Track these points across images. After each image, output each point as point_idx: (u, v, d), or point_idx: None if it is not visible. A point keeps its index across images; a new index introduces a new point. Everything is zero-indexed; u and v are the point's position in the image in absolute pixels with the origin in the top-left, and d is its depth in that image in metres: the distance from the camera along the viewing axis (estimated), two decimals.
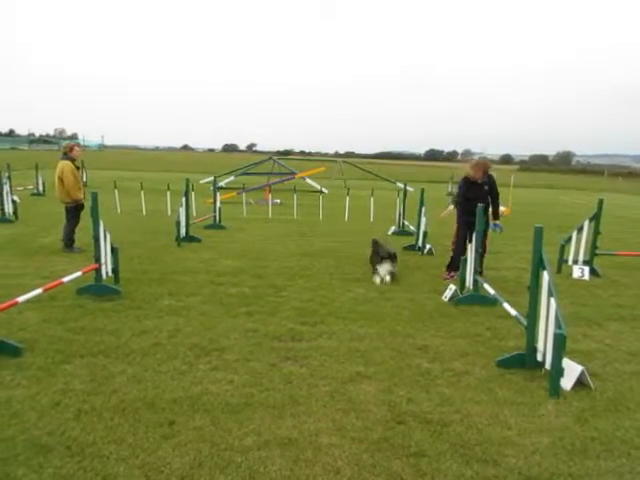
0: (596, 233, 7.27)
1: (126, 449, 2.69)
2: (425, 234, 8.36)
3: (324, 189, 18.80)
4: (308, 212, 13.27)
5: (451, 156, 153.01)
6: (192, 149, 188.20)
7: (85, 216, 6.90)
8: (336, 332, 4.56)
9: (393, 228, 10.59)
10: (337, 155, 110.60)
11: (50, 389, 3.30)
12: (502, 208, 15.44)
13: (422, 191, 8.74)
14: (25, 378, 3.44)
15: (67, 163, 7.49)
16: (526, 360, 3.84)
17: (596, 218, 7.22)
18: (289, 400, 3.30)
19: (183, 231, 8.50)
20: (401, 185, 11.08)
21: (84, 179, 19.42)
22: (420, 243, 8.46)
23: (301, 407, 3.21)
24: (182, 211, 8.44)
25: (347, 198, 12.37)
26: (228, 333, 4.44)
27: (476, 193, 6.45)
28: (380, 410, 3.21)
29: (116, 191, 12.18)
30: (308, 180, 19.41)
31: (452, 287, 5.70)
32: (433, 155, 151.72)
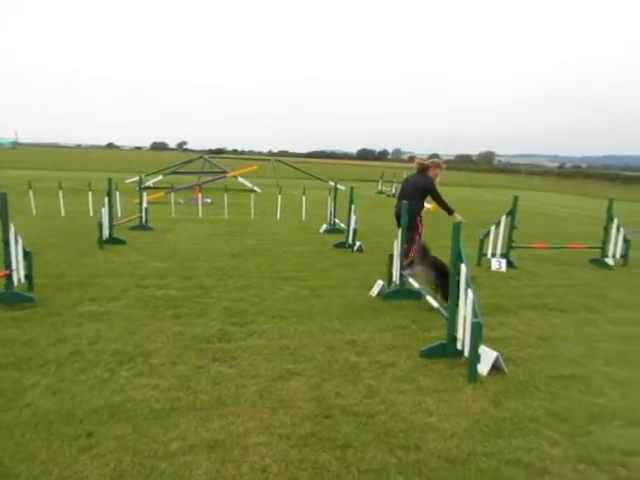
0: (512, 227, 7.76)
1: (38, 466, 2.53)
2: (355, 232, 8.54)
3: (256, 188, 18.67)
4: (240, 211, 13.11)
5: (382, 155, 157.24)
6: (118, 147, 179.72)
7: None
8: (266, 331, 4.55)
9: (325, 226, 10.71)
10: (270, 154, 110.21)
11: None
12: (428, 205, 16.18)
13: (352, 189, 8.91)
14: None
15: None
16: (447, 349, 4.03)
17: (512, 214, 7.71)
18: (217, 402, 3.25)
19: (106, 233, 8.11)
20: (332, 184, 11.23)
21: None
22: (350, 240, 8.62)
23: (229, 408, 3.18)
24: (105, 212, 8.05)
25: (279, 197, 12.36)
26: (154, 337, 4.30)
27: None
28: (308, 406, 3.24)
29: (31, 192, 11.40)
30: (240, 179, 19.20)
31: (380, 282, 5.87)
32: (365, 154, 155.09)
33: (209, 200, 15.16)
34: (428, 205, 15.67)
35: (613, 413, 3.26)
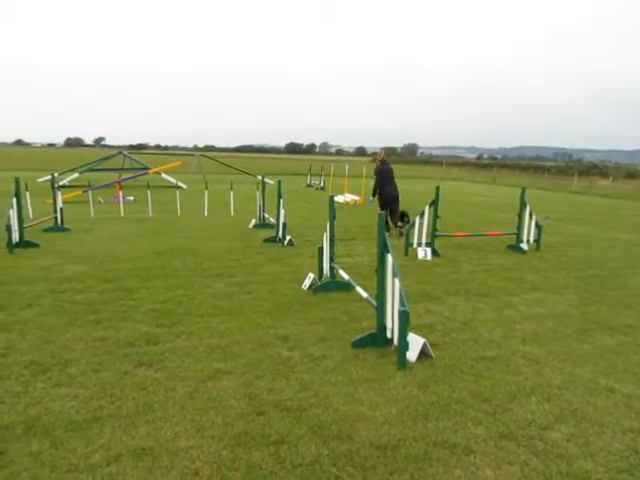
0: (435, 217, 8.09)
1: None
2: (285, 226, 8.51)
3: (181, 184, 18.11)
4: (165, 209, 12.64)
5: (310, 149, 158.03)
6: (27, 144, 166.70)
7: None
8: (195, 331, 4.42)
9: (254, 221, 10.59)
10: (196, 149, 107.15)
11: None
12: (354, 197, 16.49)
13: (279, 183, 8.86)
14: None
15: None
16: (377, 338, 4.12)
17: (435, 203, 8.03)
18: (143, 407, 3.11)
19: (16, 236, 7.50)
20: (260, 177, 11.12)
21: None
22: (280, 235, 8.58)
23: (157, 413, 3.06)
24: (12, 213, 7.44)
25: (206, 192, 12.05)
26: (72, 345, 4.04)
27: None
28: (240, 404, 3.19)
29: None
30: (164, 175, 18.51)
31: (311, 275, 5.89)
32: (293, 148, 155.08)
33: (132, 198, 14.49)
34: (355, 197, 15.93)
35: (530, 390, 3.49)
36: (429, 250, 7.93)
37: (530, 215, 8.74)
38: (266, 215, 10.56)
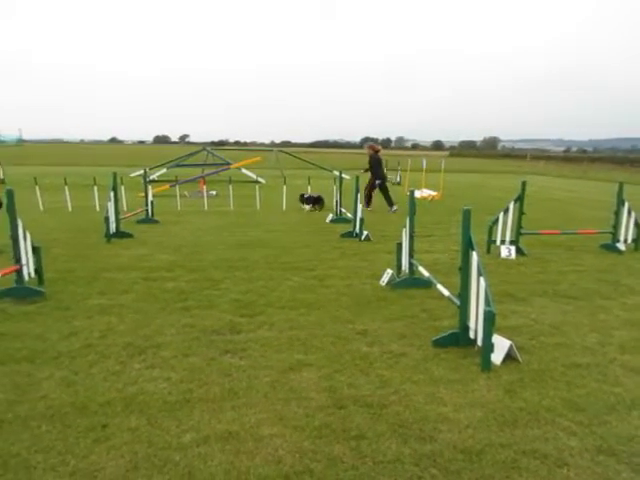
0: (521, 214, 7.69)
1: (55, 457, 2.54)
2: (362, 221, 8.49)
3: (260, 179, 18.63)
4: (245, 203, 13.08)
5: (385, 144, 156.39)
6: (121, 142, 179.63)
7: (2, 215, 6.41)
8: (276, 322, 4.54)
9: (331, 216, 10.66)
10: (273, 144, 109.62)
11: None
12: (431, 192, 16.08)
13: (357, 178, 8.85)
14: None
15: None
16: (459, 338, 4.00)
17: (520, 200, 7.63)
18: (229, 393, 3.24)
19: (113, 227, 8.11)
20: (337, 173, 11.18)
21: (1, 176, 18.06)
22: (357, 230, 8.58)
23: (241, 399, 3.17)
24: (111, 206, 8.04)
25: (284, 187, 12.31)
26: (164, 329, 4.30)
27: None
28: (321, 397, 3.23)
29: (37, 187, 11.41)
30: (244, 170, 19.14)
31: (389, 271, 5.84)
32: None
33: (214, 192, 15.13)
34: (432, 192, 15.57)
35: (631, 403, 3.21)
36: (513, 248, 7.56)
37: (629, 212, 8.05)
38: (343, 210, 10.59)
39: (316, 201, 12.27)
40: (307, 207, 12.16)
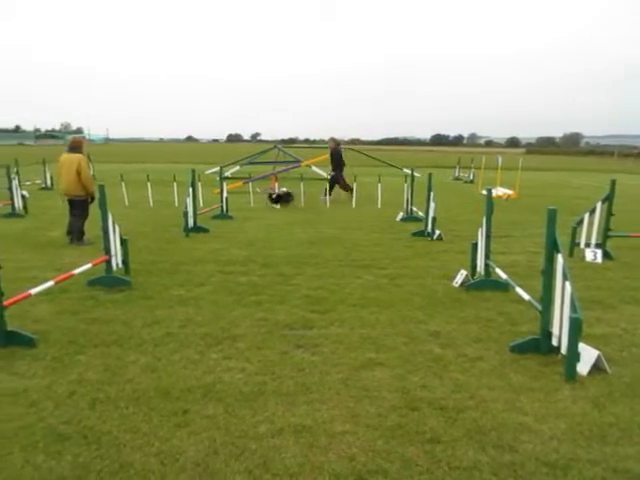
0: (609, 215, 7.17)
1: (141, 437, 2.70)
2: (434, 220, 8.29)
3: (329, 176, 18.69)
4: (315, 200, 13.21)
5: (457, 141, 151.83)
6: (196, 140, 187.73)
7: (92, 209, 6.92)
8: (347, 319, 4.54)
9: (401, 214, 10.52)
10: (342, 142, 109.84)
11: (65, 379, 3.32)
12: (507, 191, 15.37)
13: (430, 176, 8.65)
14: (40, 368, 3.47)
15: (83, 157, 7.53)
16: (540, 345, 3.80)
17: (609, 199, 7.11)
18: (302, 388, 3.29)
19: (191, 222, 8.50)
20: (408, 171, 11.00)
21: (91, 172, 19.49)
22: (429, 229, 8.39)
23: (314, 395, 3.21)
24: (189, 202, 8.43)
25: (354, 185, 12.29)
26: (239, 322, 4.44)
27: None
28: (394, 396, 3.19)
29: (123, 183, 12.19)
30: (314, 168, 19.31)
31: (463, 272, 5.66)
32: (439, 140, 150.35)
33: (285, 189, 15.39)
34: (508, 191, 14.91)
35: None
36: (599, 252, 7.06)
37: None
38: (414, 208, 10.42)
39: (284, 197, 12.45)
40: (277, 206, 12.20)
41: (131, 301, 4.92)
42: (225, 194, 10.50)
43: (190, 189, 8.54)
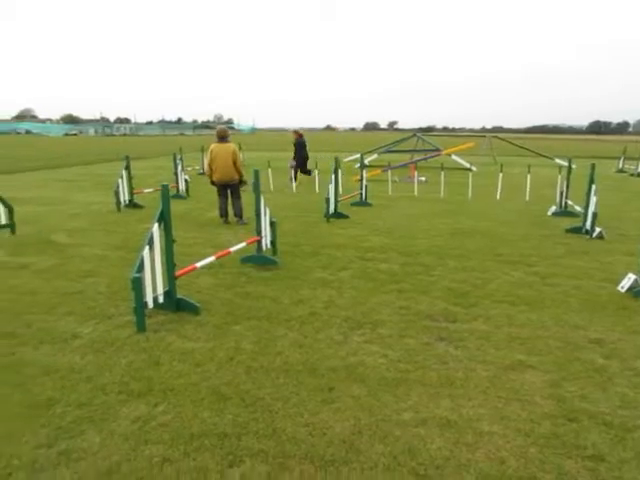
0: None
1: (292, 407, 2.88)
2: (595, 215, 7.44)
3: (472, 167, 17.86)
4: (455, 191, 12.70)
5: (621, 128, 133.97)
6: (334, 129, 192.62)
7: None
8: (492, 316, 4.32)
9: (553, 208, 9.63)
10: (484, 130, 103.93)
11: (224, 345, 3.67)
12: None
13: (593, 167, 7.74)
14: (204, 334, 3.88)
15: (234, 145, 8.19)
16: None
17: None
18: (445, 381, 3.21)
19: (332, 208, 8.75)
20: (560, 161, 10.01)
21: (242, 159, 21.12)
22: (588, 226, 7.56)
23: (458, 390, 3.11)
24: (331, 188, 8.68)
25: (500, 175, 11.56)
26: (380, 308, 4.48)
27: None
28: (547, 404, 2.96)
29: (269, 170, 12.98)
30: (454, 157, 18.61)
31: (631, 276, 5.00)
32: (598, 128, 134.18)
33: (424, 178, 15.07)
34: None
35: None
36: None
37: None
38: (569, 202, 9.47)
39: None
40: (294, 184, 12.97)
41: (278, 280, 5.25)
42: (365, 182, 10.60)
43: (333, 176, 8.78)
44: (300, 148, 14.36)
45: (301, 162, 14.36)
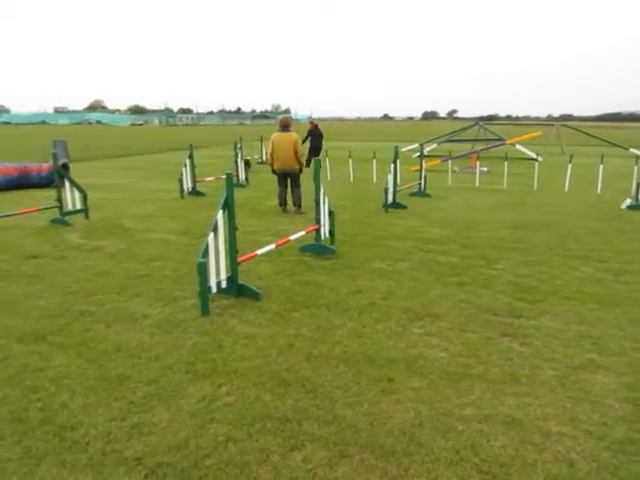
0: None
1: (351, 396, 2.89)
2: None
3: (538, 157, 17.06)
4: (519, 182, 12.20)
5: None
6: (391, 118, 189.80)
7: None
8: (560, 313, 4.12)
9: (628, 201, 9.03)
10: (550, 119, 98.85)
11: (284, 332, 3.74)
12: None
13: None
14: (265, 320, 3.96)
15: (296, 135, 8.23)
16: None
17: None
18: (510, 378, 3.11)
19: (390, 198, 8.65)
20: (636, 151, 9.35)
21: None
22: None
23: (524, 387, 3.00)
24: (390, 178, 8.57)
25: (569, 166, 10.97)
26: (439, 301, 4.39)
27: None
28: (622, 407, 2.80)
29: (327, 159, 13.00)
30: (518, 147, 17.85)
31: None
32: None
33: (485, 168, 14.58)
34: None
35: None
36: None
37: None
38: None
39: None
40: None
41: (337, 269, 5.26)
42: (424, 172, 10.39)
43: (392, 165, 8.66)
44: (313, 138, 14.73)
45: (312, 151, 14.60)
